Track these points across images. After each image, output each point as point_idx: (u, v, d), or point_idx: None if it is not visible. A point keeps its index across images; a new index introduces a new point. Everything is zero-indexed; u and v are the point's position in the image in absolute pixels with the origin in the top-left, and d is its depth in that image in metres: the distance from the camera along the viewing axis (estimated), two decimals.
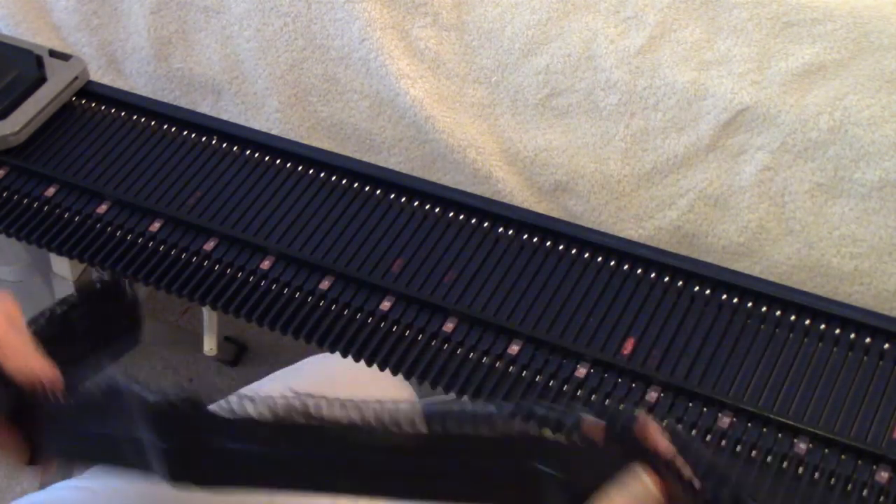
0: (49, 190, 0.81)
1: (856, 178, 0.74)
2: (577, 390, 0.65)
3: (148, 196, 0.79)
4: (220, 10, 0.91)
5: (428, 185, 0.77)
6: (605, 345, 0.67)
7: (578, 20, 0.82)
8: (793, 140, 0.75)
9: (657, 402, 0.64)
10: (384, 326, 0.70)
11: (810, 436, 0.61)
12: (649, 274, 0.71)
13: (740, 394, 0.64)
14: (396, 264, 0.73)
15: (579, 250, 0.72)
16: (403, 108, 0.84)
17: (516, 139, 0.83)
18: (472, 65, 0.85)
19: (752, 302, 0.68)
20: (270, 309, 0.72)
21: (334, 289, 0.72)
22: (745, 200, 0.77)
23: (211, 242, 0.76)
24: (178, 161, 0.81)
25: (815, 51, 0.77)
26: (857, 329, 0.66)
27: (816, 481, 0.60)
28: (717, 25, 0.80)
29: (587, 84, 0.81)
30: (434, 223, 0.75)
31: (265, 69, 0.89)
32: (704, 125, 0.78)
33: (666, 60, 0.79)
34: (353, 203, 0.77)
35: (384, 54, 0.85)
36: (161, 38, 0.93)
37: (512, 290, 0.71)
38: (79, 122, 0.85)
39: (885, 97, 0.74)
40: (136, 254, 0.76)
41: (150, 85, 0.95)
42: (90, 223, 0.79)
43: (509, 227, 0.74)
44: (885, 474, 0.59)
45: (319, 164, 0.80)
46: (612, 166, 0.80)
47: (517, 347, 0.68)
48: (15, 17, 0.96)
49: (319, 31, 0.87)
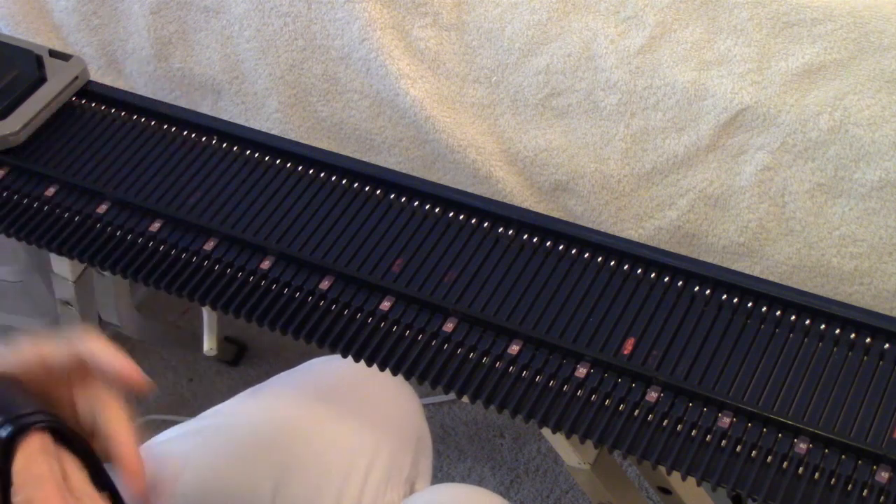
0: (49, 190, 0.81)
1: (856, 178, 0.74)
2: (577, 390, 0.65)
3: (148, 196, 0.79)
4: (220, 10, 0.91)
5: (428, 185, 0.77)
6: (605, 345, 0.67)
7: (578, 20, 0.82)
8: (793, 140, 0.75)
9: (657, 402, 0.64)
10: (384, 326, 0.70)
11: (810, 436, 0.61)
12: (649, 274, 0.71)
13: (740, 394, 0.64)
14: (396, 264, 0.73)
15: (579, 250, 0.72)
16: (403, 108, 0.84)
17: (516, 139, 0.83)
18: (472, 65, 0.85)
19: (752, 302, 0.68)
20: (270, 309, 0.72)
21: (334, 289, 0.72)
22: (745, 200, 0.77)
23: (211, 242, 0.76)
24: (178, 161, 0.81)
25: (815, 51, 0.77)
26: (857, 329, 0.66)
27: (816, 481, 0.60)
28: (717, 25, 0.80)
29: (587, 84, 0.81)
30: (434, 223, 0.75)
31: (265, 69, 0.89)
32: (704, 125, 0.78)
33: (666, 60, 0.79)
34: (353, 203, 0.77)
35: (384, 54, 0.85)
36: (161, 38, 0.93)
37: (512, 290, 0.71)
38: (79, 122, 0.85)
39: (885, 97, 0.74)
40: (136, 254, 0.76)
41: (150, 85, 0.95)
42: (90, 223, 0.79)
43: (509, 227, 0.74)
44: (885, 474, 0.59)
45: (319, 164, 0.80)
46: (612, 166, 0.80)
47: (517, 347, 0.68)
48: (15, 17, 0.96)
49: (319, 31, 0.87)
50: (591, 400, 0.65)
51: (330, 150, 0.81)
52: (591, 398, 0.65)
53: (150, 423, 1.34)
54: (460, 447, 1.30)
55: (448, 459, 1.29)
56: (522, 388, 0.66)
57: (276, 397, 0.79)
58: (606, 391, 0.65)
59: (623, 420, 0.64)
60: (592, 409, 0.65)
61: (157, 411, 1.36)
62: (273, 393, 0.80)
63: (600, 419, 0.64)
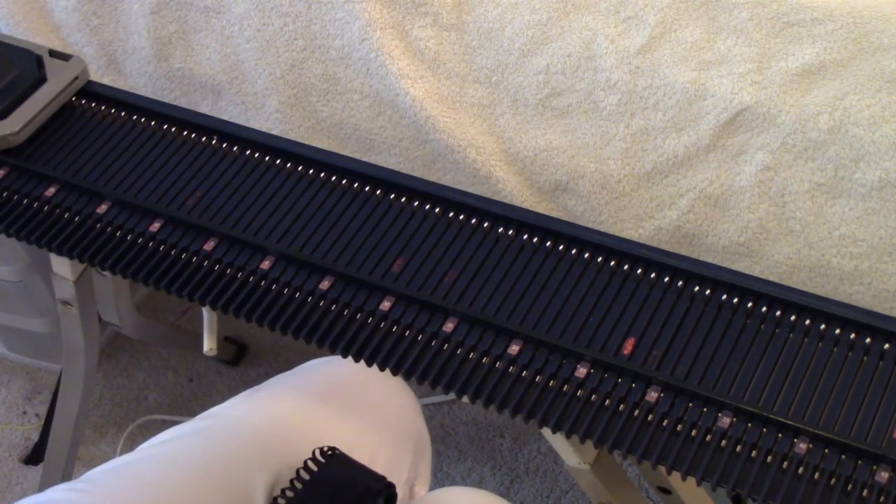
0: (49, 190, 0.81)
1: (856, 178, 0.74)
2: (577, 390, 0.65)
3: (148, 196, 0.79)
4: (220, 10, 0.91)
5: (428, 185, 0.77)
6: (605, 345, 0.67)
7: (578, 20, 0.82)
8: (793, 140, 0.75)
9: (657, 402, 0.64)
10: (384, 326, 0.70)
11: (810, 436, 0.61)
12: (649, 274, 0.71)
13: (740, 394, 0.64)
14: (396, 264, 0.73)
15: (579, 250, 0.72)
16: (403, 108, 0.84)
17: (516, 139, 0.83)
18: (472, 65, 0.85)
19: (752, 302, 0.68)
20: (270, 309, 0.72)
21: (334, 289, 0.72)
22: (745, 200, 0.77)
23: (211, 242, 0.76)
24: (178, 161, 0.81)
25: (815, 51, 0.77)
26: (857, 329, 0.66)
27: (816, 481, 0.60)
28: (717, 25, 0.80)
29: (587, 84, 0.81)
30: (434, 223, 0.75)
31: (265, 69, 0.89)
32: (704, 125, 0.78)
33: (666, 60, 0.79)
34: (353, 203, 0.77)
35: (384, 54, 0.85)
36: (161, 38, 0.93)
37: (512, 290, 0.71)
38: (79, 122, 0.85)
39: (885, 97, 0.74)
40: (136, 254, 0.76)
41: (150, 85, 0.95)
42: (90, 223, 0.79)
43: (509, 227, 0.74)
44: (885, 474, 0.59)
45: (319, 164, 0.80)
46: (612, 166, 0.80)
47: (517, 347, 0.68)
48: (15, 17, 0.96)
49: (319, 31, 0.87)
50: (591, 400, 0.65)
51: (330, 150, 0.81)
52: (591, 398, 0.65)
53: (150, 423, 1.34)
54: (460, 447, 1.30)
55: (448, 459, 1.29)
56: (522, 388, 0.66)
57: (274, 398, 0.79)
58: (606, 391, 0.65)
59: (623, 420, 0.64)
60: (592, 409, 0.65)
61: (157, 411, 1.36)
62: (272, 393, 0.80)
63: (600, 419, 0.64)
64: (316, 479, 0.71)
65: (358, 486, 0.71)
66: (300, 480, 0.72)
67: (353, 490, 0.71)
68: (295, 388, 0.80)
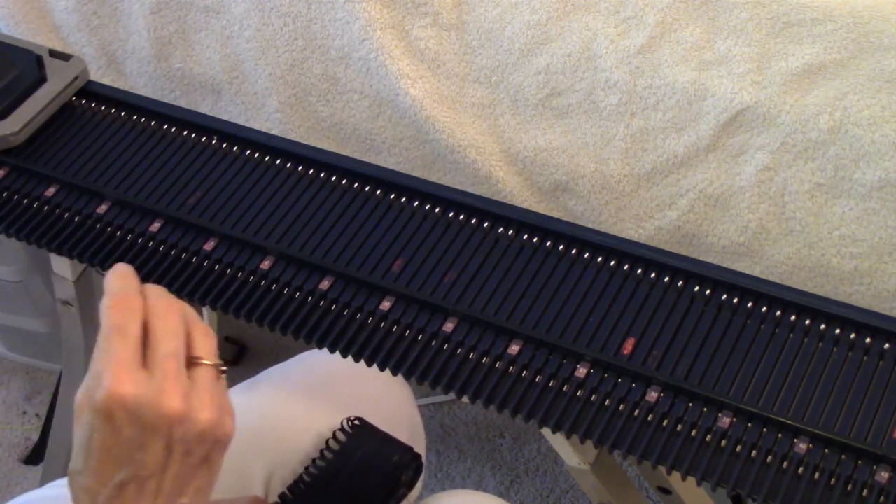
0: (49, 190, 0.81)
1: (856, 178, 0.74)
2: (577, 390, 0.65)
3: (148, 196, 0.79)
4: (220, 10, 0.91)
5: (428, 185, 0.77)
6: (605, 345, 0.67)
7: (578, 20, 0.82)
8: (793, 140, 0.75)
9: (657, 402, 0.64)
10: (384, 326, 0.70)
11: (810, 436, 0.61)
12: (649, 274, 0.70)
13: (740, 394, 0.64)
14: (396, 264, 0.73)
15: (579, 250, 0.72)
16: (403, 108, 0.85)
17: (516, 139, 0.83)
18: (472, 65, 0.85)
19: (752, 302, 0.68)
20: (270, 309, 0.72)
21: (334, 289, 0.72)
22: (745, 200, 0.77)
23: (211, 242, 0.76)
24: (178, 161, 0.81)
25: (815, 51, 0.77)
26: (857, 329, 0.66)
27: (816, 481, 0.60)
28: (717, 25, 0.80)
29: (587, 84, 0.81)
30: (434, 223, 0.75)
31: (265, 69, 0.89)
32: (704, 125, 0.78)
33: (666, 60, 0.79)
34: (353, 203, 0.77)
35: (384, 54, 0.85)
36: (161, 38, 0.93)
37: (512, 290, 0.71)
38: (79, 122, 0.85)
39: (885, 97, 0.74)
40: (136, 254, 0.76)
41: (150, 85, 0.95)
42: (90, 223, 0.79)
43: (509, 227, 0.74)
44: (885, 474, 0.59)
45: (319, 164, 0.80)
46: (612, 166, 0.80)
47: (517, 347, 0.68)
48: (15, 17, 0.96)
49: (319, 31, 0.87)
50: (591, 400, 0.65)
51: (330, 150, 0.81)
52: (591, 398, 0.65)
53: None
54: (460, 447, 1.30)
55: (448, 459, 1.29)
56: (522, 388, 0.66)
57: (270, 388, 0.80)
58: (606, 391, 0.65)
59: (623, 420, 0.64)
60: (592, 409, 0.65)
61: None
62: (268, 384, 0.80)
63: (600, 419, 0.64)
64: (344, 450, 0.72)
65: (387, 457, 0.71)
66: (329, 450, 0.72)
67: (382, 462, 0.71)
68: (288, 380, 0.81)
